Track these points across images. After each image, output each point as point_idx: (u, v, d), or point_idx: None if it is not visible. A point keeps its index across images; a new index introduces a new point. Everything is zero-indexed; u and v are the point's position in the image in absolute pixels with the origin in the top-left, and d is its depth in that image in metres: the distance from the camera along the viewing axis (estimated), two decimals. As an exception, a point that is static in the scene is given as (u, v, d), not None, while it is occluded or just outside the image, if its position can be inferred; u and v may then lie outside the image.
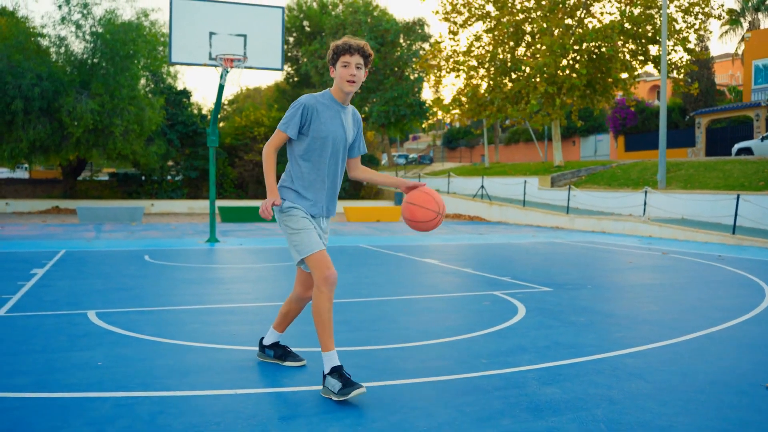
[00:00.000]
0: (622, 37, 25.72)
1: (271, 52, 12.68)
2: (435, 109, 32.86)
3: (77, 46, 25.18)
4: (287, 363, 4.10)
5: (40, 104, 23.14)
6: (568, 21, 26.79)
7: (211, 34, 12.13)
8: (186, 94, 31.60)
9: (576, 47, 25.66)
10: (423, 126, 48.01)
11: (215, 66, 12.25)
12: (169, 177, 31.80)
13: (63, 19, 24.60)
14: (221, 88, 12.54)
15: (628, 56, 26.67)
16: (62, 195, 29.31)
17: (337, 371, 3.43)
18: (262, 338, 4.24)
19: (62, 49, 25.20)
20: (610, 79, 26.41)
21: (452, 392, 3.54)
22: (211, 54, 12.13)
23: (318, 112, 3.57)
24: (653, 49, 26.50)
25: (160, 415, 3.16)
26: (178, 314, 5.74)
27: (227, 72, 12.20)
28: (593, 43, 25.45)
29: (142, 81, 28.05)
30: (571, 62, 26.53)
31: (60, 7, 24.48)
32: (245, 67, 12.32)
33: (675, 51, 25.98)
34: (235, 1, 12.67)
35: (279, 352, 4.15)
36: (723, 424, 3.09)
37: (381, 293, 6.85)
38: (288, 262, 9.89)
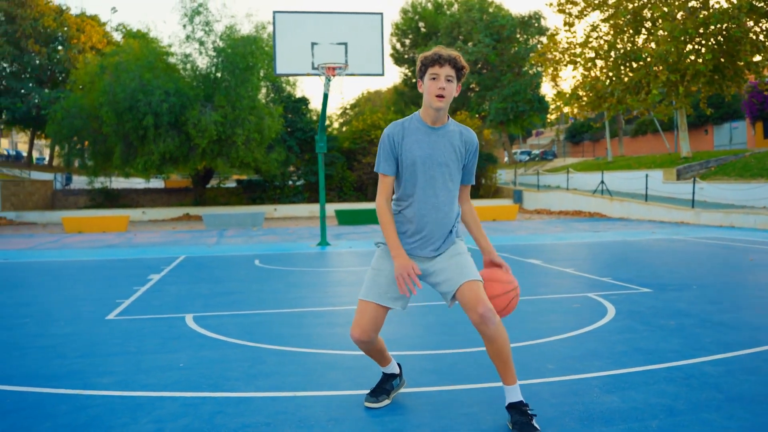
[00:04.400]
0: (753, 17, 23.96)
1: (372, 58, 12.89)
2: (558, 103, 31.74)
3: (201, 62, 26.82)
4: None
5: (169, 119, 24.79)
6: (692, 3, 25.30)
7: (313, 44, 12.51)
8: (304, 101, 32.63)
9: (700, 31, 24.18)
10: (547, 120, 46.89)
11: (318, 75, 12.63)
12: (290, 182, 32.99)
13: (188, 37, 26.24)
14: (325, 96, 12.90)
15: (761, 37, 24.81)
16: (193, 202, 31.18)
17: (394, 377, 3.61)
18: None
19: (188, 65, 26.87)
20: (740, 63, 24.68)
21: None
22: (314, 63, 12.53)
23: (404, 137, 3.17)
24: (790, 28, 24.50)
25: (218, 414, 3.34)
26: (269, 317, 5.98)
27: (330, 80, 12.54)
28: (719, 26, 23.88)
29: (263, 91, 29.30)
30: (695, 47, 25.03)
31: (184, 26, 26.17)
32: (347, 75, 12.61)
33: (815, 27, 23.88)
34: (335, 10, 13.03)
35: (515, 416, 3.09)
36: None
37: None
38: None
